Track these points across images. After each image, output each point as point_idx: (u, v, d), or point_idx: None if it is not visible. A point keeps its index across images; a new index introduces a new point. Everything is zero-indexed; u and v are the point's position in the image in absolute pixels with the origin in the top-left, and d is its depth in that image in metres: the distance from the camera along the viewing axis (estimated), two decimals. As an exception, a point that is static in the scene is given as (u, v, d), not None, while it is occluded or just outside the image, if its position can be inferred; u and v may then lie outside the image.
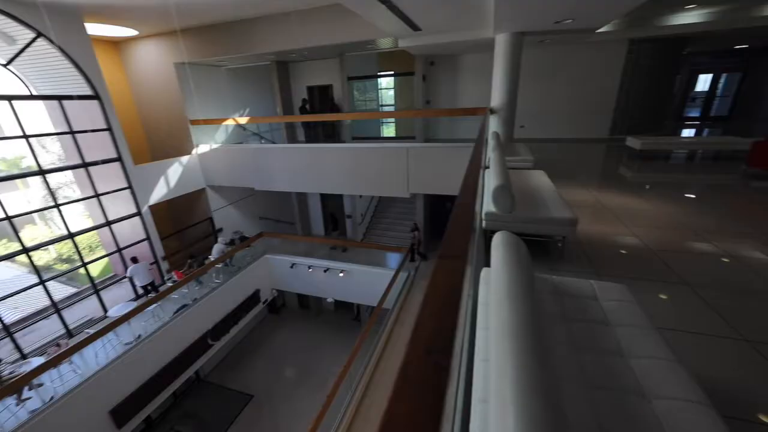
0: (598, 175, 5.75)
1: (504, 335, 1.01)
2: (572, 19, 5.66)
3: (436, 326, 0.32)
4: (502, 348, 0.97)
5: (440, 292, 0.38)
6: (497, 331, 1.05)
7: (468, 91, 10.08)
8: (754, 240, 3.14)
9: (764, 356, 1.78)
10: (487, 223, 2.82)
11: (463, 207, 0.69)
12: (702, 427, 0.98)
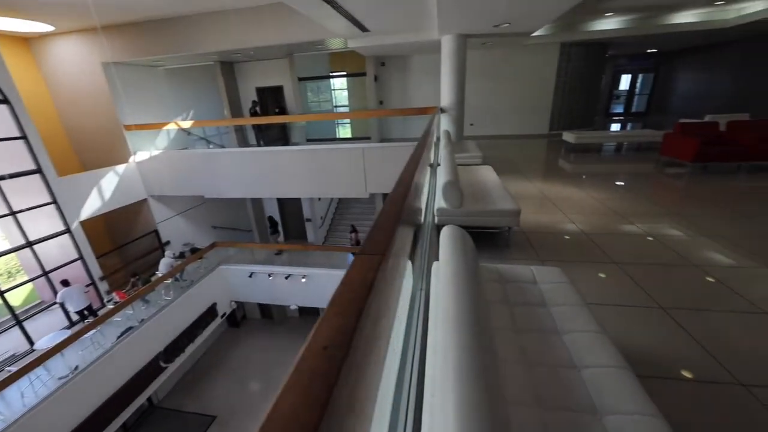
0: (540, 168, 6.21)
1: (448, 324, 1.06)
2: (509, 23, 6.04)
3: (338, 324, 0.33)
4: (445, 337, 1.02)
5: (350, 289, 0.40)
6: (442, 321, 1.09)
7: (419, 91, 10.34)
8: (670, 219, 3.59)
9: (675, 320, 2.05)
10: (438, 218, 2.92)
11: (392, 203, 0.71)
12: (621, 388, 1.10)
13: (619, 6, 7.08)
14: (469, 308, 1.11)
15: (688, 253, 2.84)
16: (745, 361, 1.73)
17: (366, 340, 0.41)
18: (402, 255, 0.80)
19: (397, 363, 1.46)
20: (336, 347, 0.30)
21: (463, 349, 0.93)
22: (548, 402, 1.09)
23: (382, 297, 0.52)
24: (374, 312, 0.44)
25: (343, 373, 0.30)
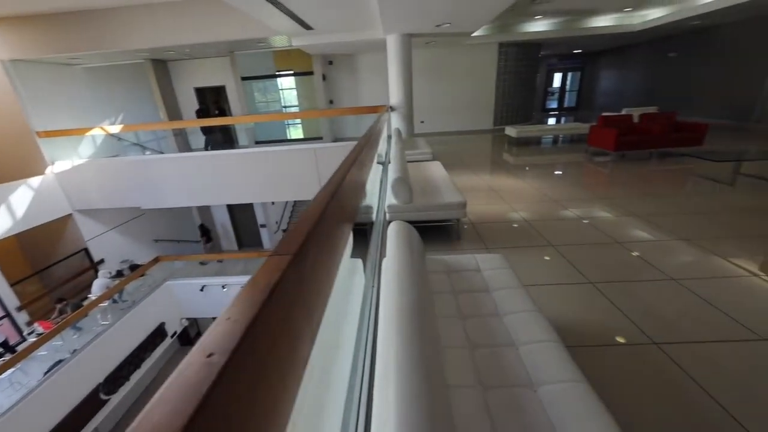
0: (486, 162, 6.56)
1: (390, 319, 1.08)
2: (450, 23, 6.28)
3: (228, 329, 0.32)
4: (387, 331, 1.03)
5: (251, 292, 0.38)
6: (386, 316, 1.11)
7: (369, 90, 10.38)
8: (598, 203, 3.98)
9: (603, 294, 2.28)
10: (390, 214, 2.96)
11: (315, 202, 0.70)
12: (552, 360, 1.20)
13: (546, 9, 7.68)
14: (410, 301, 1.13)
15: (613, 232, 3.18)
16: (658, 323, 1.98)
17: (271, 342, 0.40)
18: (333, 254, 0.79)
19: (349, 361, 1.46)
20: (222, 353, 0.29)
21: (403, 342, 0.95)
22: (490, 381, 1.16)
23: (298, 297, 0.51)
24: (283, 313, 0.43)
25: (226, 380, 0.28)
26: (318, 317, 0.61)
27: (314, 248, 0.61)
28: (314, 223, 0.60)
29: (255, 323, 0.34)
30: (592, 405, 1.02)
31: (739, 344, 1.80)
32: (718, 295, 2.19)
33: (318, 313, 0.61)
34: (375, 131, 2.62)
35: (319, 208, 0.66)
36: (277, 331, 0.41)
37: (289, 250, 0.48)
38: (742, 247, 2.80)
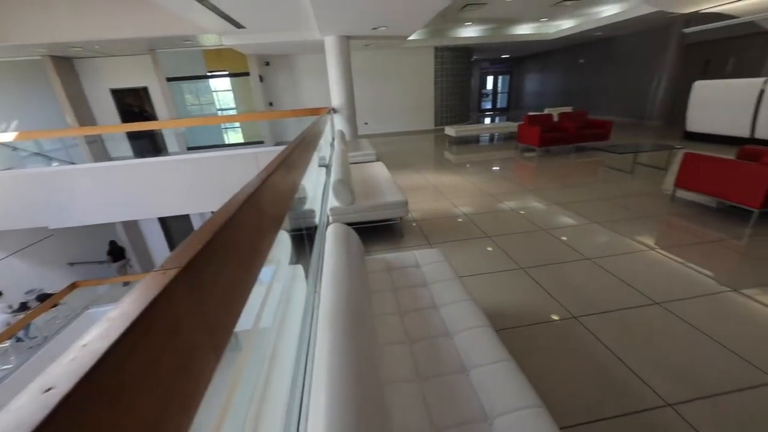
0: (428, 161, 6.82)
1: (324, 323, 1.06)
2: (386, 26, 6.40)
3: (78, 357, 0.28)
4: (321, 337, 1.02)
5: (122, 313, 0.35)
6: (321, 320, 1.09)
7: (311, 91, 10.19)
8: (528, 194, 4.35)
9: (532, 278, 2.50)
10: (333, 217, 2.93)
11: (222, 210, 0.66)
12: (483, 344, 1.28)
13: (474, 17, 8.21)
14: (343, 303, 1.13)
15: (540, 220, 3.50)
16: (577, 299, 2.22)
17: (145, 366, 0.36)
18: (250, 265, 0.76)
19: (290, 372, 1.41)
20: (65, 385, 0.26)
21: (334, 345, 0.94)
22: (427, 373, 1.20)
23: (192, 314, 0.48)
24: (165, 332, 0.40)
25: (65, 417, 0.25)
26: (224, 333, 0.57)
27: (218, 259, 0.58)
28: (215, 233, 0.56)
29: (120, 347, 0.30)
30: (516, 381, 1.11)
31: (640, 310, 2.10)
32: (624, 269, 2.53)
33: (224, 329, 0.58)
34: (311, 133, 2.57)
35: (225, 215, 0.63)
36: (156, 353, 0.37)
37: (178, 264, 0.45)
38: (641, 226, 3.26)
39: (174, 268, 0.44)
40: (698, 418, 1.41)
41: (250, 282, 0.74)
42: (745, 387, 1.54)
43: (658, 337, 1.88)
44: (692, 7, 6.21)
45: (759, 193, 2.96)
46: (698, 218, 3.38)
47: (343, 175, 2.89)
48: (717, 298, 2.17)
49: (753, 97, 6.00)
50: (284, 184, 1.33)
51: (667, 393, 1.53)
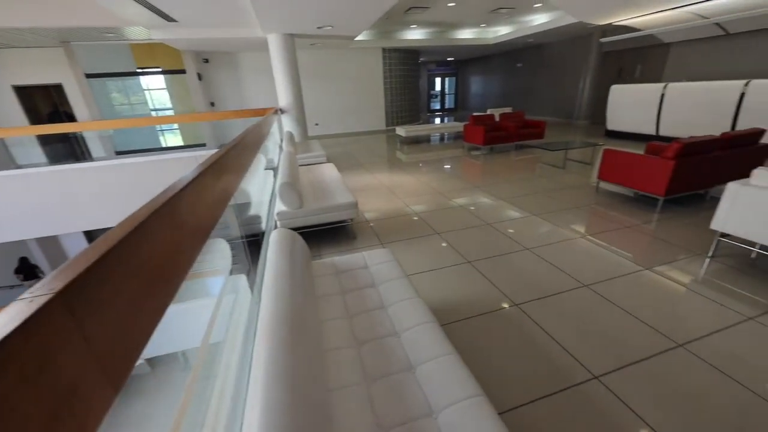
0: (380, 161, 6.87)
1: (262, 335, 1.01)
2: (332, 26, 6.32)
3: None
4: (258, 349, 0.96)
5: None
6: (259, 332, 1.03)
7: (256, 91, 9.74)
8: (475, 191, 4.57)
9: (478, 270, 2.63)
10: (281, 222, 2.82)
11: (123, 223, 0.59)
12: (428, 340, 1.31)
13: (419, 20, 8.44)
14: (283, 312, 1.09)
15: (485, 215, 3.69)
16: (518, 287, 2.38)
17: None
18: (167, 281, 0.69)
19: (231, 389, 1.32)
20: None
21: (271, 357, 0.90)
22: (374, 374, 1.19)
23: (73, 342, 0.41)
24: (19, 371, 0.34)
25: None
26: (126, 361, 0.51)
27: (116, 277, 0.51)
28: (111, 248, 0.50)
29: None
30: (458, 373, 1.15)
31: (571, 292, 2.30)
32: (558, 256, 2.76)
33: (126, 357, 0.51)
34: (252, 135, 2.44)
35: (126, 228, 0.56)
36: (13, 402, 0.31)
37: (51, 288, 0.38)
38: (572, 216, 3.59)
39: (46, 294, 0.38)
40: (619, 386, 1.58)
41: (164, 300, 0.67)
42: (656, 353, 1.76)
43: (586, 316, 2.07)
44: (605, 20, 6.98)
45: (662, 183, 3.42)
46: (618, 206, 3.81)
47: (289, 177, 2.79)
48: (634, 276, 2.46)
49: (656, 100, 6.91)
50: (215, 190, 1.25)
51: (595, 366, 1.70)
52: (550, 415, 1.46)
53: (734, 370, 1.64)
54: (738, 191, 2.40)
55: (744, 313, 2.04)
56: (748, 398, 1.50)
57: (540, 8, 7.80)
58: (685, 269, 2.54)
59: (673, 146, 3.32)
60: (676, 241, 2.95)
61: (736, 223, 2.44)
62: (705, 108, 6.15)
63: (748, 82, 5.59)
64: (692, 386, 1.57)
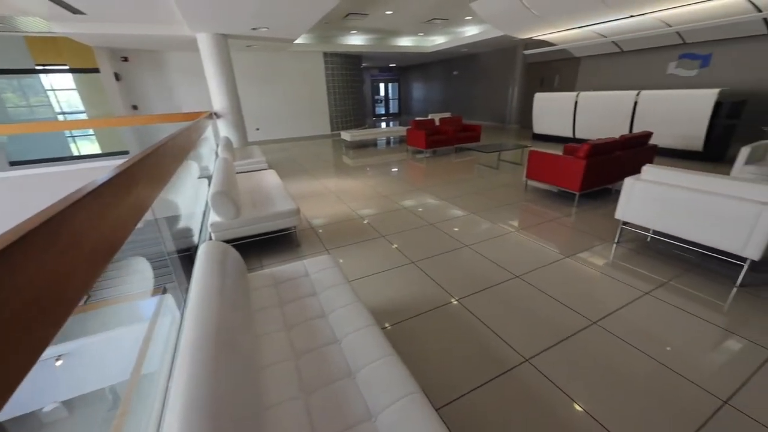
0: (325, 166, 6.79)
1: (185, 357, 0.93)
2: (267, 27, 6.11)
3: None
4: (180, 372, 0.88)
5: None
6: (181, 355, 0.95)
7: (188, 94, 9.02)
8: (419, 192, 4.71)
9: (422, 270, 2.71)
10: (216, 234, 2.64)
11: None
12: (369, 344, 1.32)
13: (358, 26, 8.54)
14: (211, 332, 1.01)
15: (428, 216, 3.84)
16: (458, 283, 2.50)
17: None
18: (50, 312, 0.60)
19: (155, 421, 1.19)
20: None
21: (193, 383, 0.83)
22: (312, 386, 1.16)
23: None
24: None
25: None
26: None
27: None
28: None
29: None
30: (396, 373, 1.17)
31: (505, 284, 2.48)
32: (493, 251, 2.96)
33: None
34: (175, 141, 2.25)
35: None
36: None
37: None
38: (506, 213, 3.88)
39: None
40: (546, 366, 1.74)
41: (42, 337, 0.58)
42: (576, 332, 1.97)
43: (518, 304, 2.25)
44: (526, 35, 7.72)
45: (577, 180, 3.86)
46: (544, 202, 4.22)
47: (223, 186, 2.62)
48: (557, 265, 2.73)
49: (571, 107, 7.80)
50: (124, 204, 1.12)
51: (526, 350, 1.85)
52: (489, 401, 1.56)
53: (637, 340, 1.91)
54: (633, 185, 2.80)
55: (642, 288, 2.38)
56: (651, 365, 1.75)
57: (471, 21, 8.38)
58: (597, 255, 2.89)
59: (584, 147, 3.77)
60: (591, 231, 3.35)
61: (633, 213, 2.85)
62: (609, 114, 7.11)
63: (639, 92, 6.59)
64: (606, 358, 1.79)
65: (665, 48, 7.11)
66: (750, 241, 2.21)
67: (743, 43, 6.08)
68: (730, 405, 1.51)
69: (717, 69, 6.49)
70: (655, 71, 7.40)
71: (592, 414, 1.48)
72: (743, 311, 2.12)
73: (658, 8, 5.60)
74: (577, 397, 1.56)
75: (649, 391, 1.58)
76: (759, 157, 3.97)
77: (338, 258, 2.94)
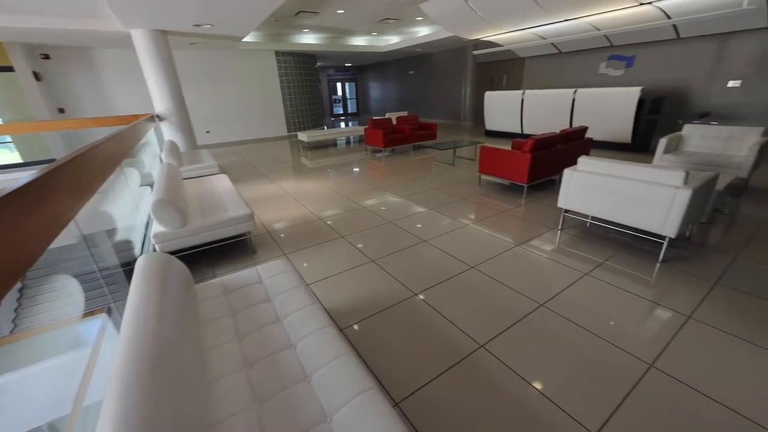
0: (282, 168, 6.60)
1: (115, 382, 0.86)
2: (211, 24, 5.80)
3: None
4: (108, 399, 0.81)
5: None
6: (111, 381, 0.87)
7: (126, 96, 8.30)
8: (379, 191, 4.74)
9: (381, 267, 2.74)
10: (160, 246, 2.46)
11: None
12: (324, 345, 1.30)
13: (310, 24, 8.38)
14: (147, 353, 0.94)
15: (387, 214, 3.87)
16: (417, 278, 2.56)
17: None
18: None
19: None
20: None
21: (123, 408, 0.77)
22: (266, 393, 1.13)
23: None
24: None
25: None
26: None
27: None
28: None
29: None
30: (352, 371, 1.17)
31: (461, 275, 2.58)
32: (450, 245, 3.07)
33: None
34: (105, 146, 2.06)
35: None
36: None
37: None
38: (462, 207, 4.03)
39: None
40: (499, 349, 1.84)
41: None
42: (526, 315, 2.10)
43: (473, 293, 2.35)
44: (474, 35, 8.06)
45: (524, 173, 4.11)
46: (497, 195, 4.44)
47: (165, 193, 2.44)
48: (509, 253, 2.89)
49: (518, 104, 8.28)
50: (36, 220, 1.01)
51: (481, 336, 1.94)
52: (447, 390, 1.61)
53: (578, 317, 2.07)
54: (570, 176, 3.04)
55: (582, 270, 2.59)
56: (590, 339, 1.91)
57: (422, 21, 8.57)
58: (544, 242, 3.10)
59: (528, 142, 4.03)
60: (538, 220, 3.59)
61: (573, 201, 3.09)
62: (552, 110, 7.64)
63: (576, 90, 7.16)
64: (552, 337, 1.92)
65: (597, 50, 7.79)
66: (667, 220, 2.50)
67: (660, 47, 6.84)
68: (655, 367, 1.70)
69: (640, 69, 7.23)
70: (589, 71, 8.08)
71: (542, 391, 1.59)
72: (666, 283, 2.40)
73: (588, 13, 6.11)
74: (526, 375, 1.67)
75: (590, 364, 1.73)
76: (674, 147, 4.49)
77: (301, 261, 2.87)
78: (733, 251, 2.77)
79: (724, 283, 2.35)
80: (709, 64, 6.31)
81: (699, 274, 2.48)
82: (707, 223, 3.33)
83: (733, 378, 1.62)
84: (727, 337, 1.88)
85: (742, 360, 1.72)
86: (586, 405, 1.51)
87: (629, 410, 1.47)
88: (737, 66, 5.99)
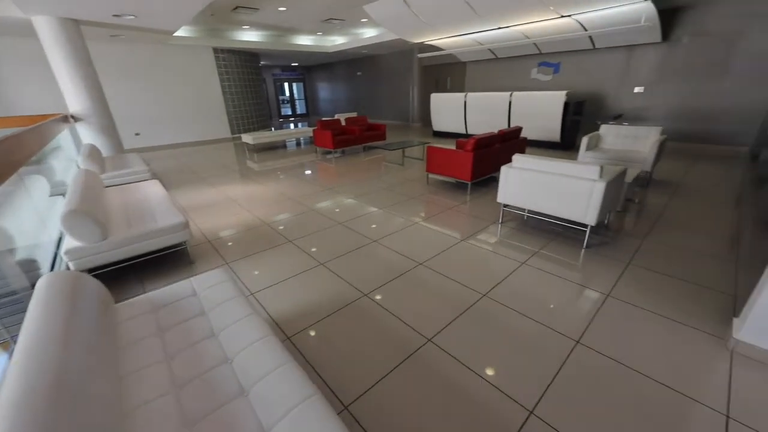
0: (224, 172, 6.22)
1: (3, 420, 0.73)
2: (134, 15, 5.28)
3: None
4: None
5: None
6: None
7: (34, 93, 7.22)
8: (328, 193, 4.66)
9: (331, 270, 2.70)
10: (75, 263, 2.17)
11: None
12: (264, 356, 1.24)
13: (250, 20, 8.00)
14: (40, 387, 0.82)
15: (336, 215, 3.83)
16: (366, 278, 2.56)
17: None
18: None
19: None
20: None
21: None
22: (197, 415, 1.04)
23: None
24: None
25: None
26: None
27: None
28: None
29: None
30: (293, 380, 1.13)
31: (409, 272, 2.63)
32: (399, 243, 3.11)
33: None
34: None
35: None
36: None
37: None
38: (411, 206, 4.12)
39: None
40: (445, 341, 1.91)
41: None
42: (469, 306, 2.21)
43: (420, 289, 2.41)
44: (418, 39, 8.31)
45: (468, 171, 4.33)
46: (444, 193, 4.61)
47: (78, 203, 2.16)
48: (455, 248, 3.01)
49: (461, 106, 8.70)
50: None
51: (428, 331, 1.99)
52: (396, 388, 1.63)
53: (516, 303, 2.23)
54: (507, 172, 3.26)
55: (519, 260, 2.79)
56: (527, 322, 2.06)
57: (368, 23, 8.62)
58: (486, 235, 3.28)
59: (470, 141, 4.24)
60: (481, 215, 3.79)
61: (510, 196, 3.32)
62: (491, 111, 8.15)
63: (512, 93, 7.71)
64: (493, 325, 2.04)
65: (528, 56, 8.47)
66: (588, 210, 2.79)
67: (580, 55, 7.63)
68: (581, 343, 1.88)
69: (565, 75, 8.00)
70: (522, 75, 8.76)
71: (483, 376, 1.67)
72: (589, 267, 2.67)
73: (518, 22, 6.62)
74: (470, 363, 1.75)
75: (526, 346, 1.87)
76: (594, 145, 5.04)
77: (248, 269, 2.72)
78: (641, 235, 3.18)
79: (636, 264, 2.69)
80: (619, 72, 7.19)
81: (615, 256, 2.81)
82: (622, 212, 3.78)
83: (647, 348, 1.85)
84: (639, 311, 2.14)
85: (654, 331, 1.97)
86: (523, 385, 1.62)
87: (560, 385, 1.61)
88: (641, 74, 6.90)
